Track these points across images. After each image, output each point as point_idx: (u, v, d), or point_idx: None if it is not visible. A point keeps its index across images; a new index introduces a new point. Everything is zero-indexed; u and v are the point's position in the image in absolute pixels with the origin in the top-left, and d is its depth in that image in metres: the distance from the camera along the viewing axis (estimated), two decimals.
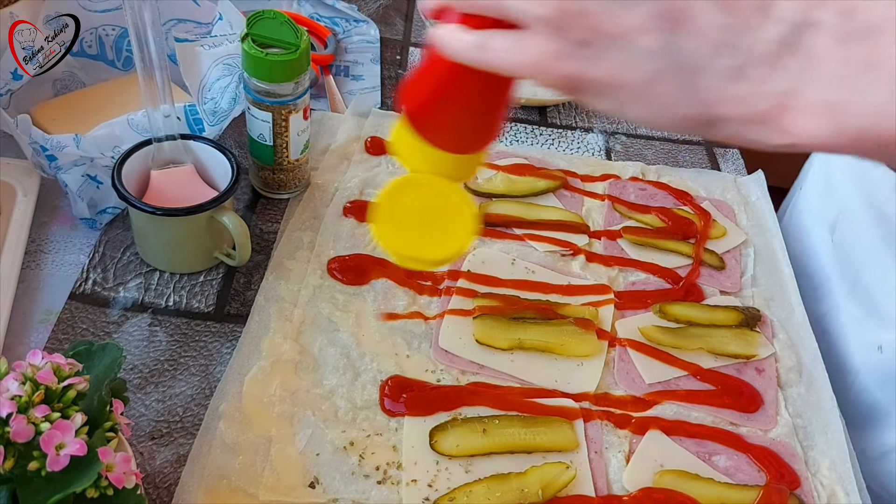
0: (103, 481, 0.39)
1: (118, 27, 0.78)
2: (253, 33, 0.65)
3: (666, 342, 0.67)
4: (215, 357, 0.62)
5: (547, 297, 0.69)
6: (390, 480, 0.56)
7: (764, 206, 0.84)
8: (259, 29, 0.65)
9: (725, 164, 0.90)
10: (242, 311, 0.65)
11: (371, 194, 0.76)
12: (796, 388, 0.67)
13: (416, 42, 1.00)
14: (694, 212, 0.80)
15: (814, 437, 0.64)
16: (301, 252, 0.70)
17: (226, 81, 0.71)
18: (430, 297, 0.68)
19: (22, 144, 0.67)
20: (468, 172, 0.49)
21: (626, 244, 0.76)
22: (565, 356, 0.65)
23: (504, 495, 0.55)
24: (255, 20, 0.66)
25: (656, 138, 0.92)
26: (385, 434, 0.58)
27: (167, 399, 0.59)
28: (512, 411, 0.61)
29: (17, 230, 0.66)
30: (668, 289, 0.73)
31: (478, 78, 0.40)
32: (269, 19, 0.66)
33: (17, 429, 0.38)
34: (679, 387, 0.65)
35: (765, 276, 0.76)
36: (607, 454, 0.60)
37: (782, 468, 0.61)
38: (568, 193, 0.80)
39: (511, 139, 0.88)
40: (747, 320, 0.70)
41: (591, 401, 0.63)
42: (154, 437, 0.56)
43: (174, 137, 0.66)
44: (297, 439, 0.57)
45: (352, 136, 0.82)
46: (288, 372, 0.61)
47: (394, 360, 0.63)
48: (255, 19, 0.66)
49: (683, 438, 0.62)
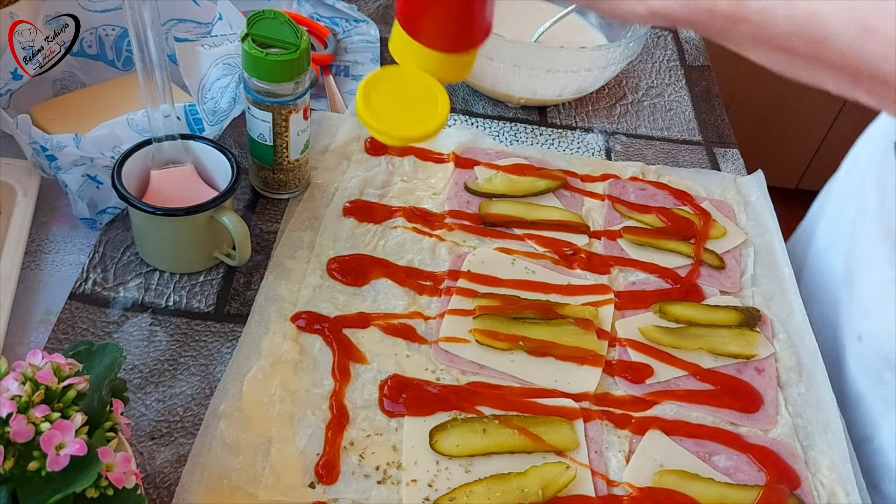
0: (103, 481, 0.39)
1: (118, 27, 0.78)
2: (253, 33, 0.65)
3: (666, 342, 0.67)
4: (215, 357, 0.62)
5: (547, 297, 0.69)
6: (390, 480, 0.56)
7: (764, 206, 0.83)
8: (259, 29, 0.65)
9: (725, 164, 0.90)
10: (242, 311, 0.65)
11: (371, 194, 0.76)
12: (796, 387, 0.67)
13: None
14: (694, 212, 0.80)
15: (814, 436, 0.64)
16: (301, 252, 0.70)
17: (226, 81, 0.71)
18: (430, 297, 0.68)
19: (22, 144, 0.67)
20: (458, 73, 0.55)
21: (626, 244, 0.76)
22: (565, 356, 0.65)
23: (504, 495, 0.55)
24: (255, 20, 0.66)
25: (656, 138, 0.92)
26: (385, 434, 0.58)
27: (167, 399, 0.59)
28: (512, 411, 0.61)
29: (17, 230, 0.66)
30: (668, 289, 0.73)
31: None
32: (270, 19, 0.66)
33: (17, 429, 0.38)
34: (679, 387, 0.65)
35: (765, 276, 0.76)
36: (607, 454, 0.60)
37: (782, 468, 0.61)
38: (568, 193, 0.80)
39: (511, 139, 0.88)
40: (747, 320, 0.70)
41: (591, 401, 0.63)
42: (154, 437, 0.56)
43: (174, 137, 0.66)
44: (297, 439, 0.57)
45: (352, 136, 0.82)
46: (288, 372, 0.61)
47: (394, 359, 0.63)
48: (255, 19, 0.66)
49: (683, 438, 0.62)
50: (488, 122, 0.90)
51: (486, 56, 0.84)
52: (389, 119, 0.54)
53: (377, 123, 0.53)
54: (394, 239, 0.72)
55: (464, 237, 0.74)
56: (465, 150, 0.83)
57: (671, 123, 0.94)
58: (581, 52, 0.84)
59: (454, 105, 0.91)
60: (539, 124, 0.91)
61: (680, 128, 0.94)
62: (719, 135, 0.94)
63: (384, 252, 0.71)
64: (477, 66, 0.86)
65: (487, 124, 0.89)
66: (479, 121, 0.90)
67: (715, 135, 0.94)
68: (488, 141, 0.85)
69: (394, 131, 0.54)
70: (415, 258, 0.71)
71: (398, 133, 0.55)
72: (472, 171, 0.80)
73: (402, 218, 0.74)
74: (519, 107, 0.92)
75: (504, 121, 0.90)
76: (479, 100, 0.93)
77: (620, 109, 0.95)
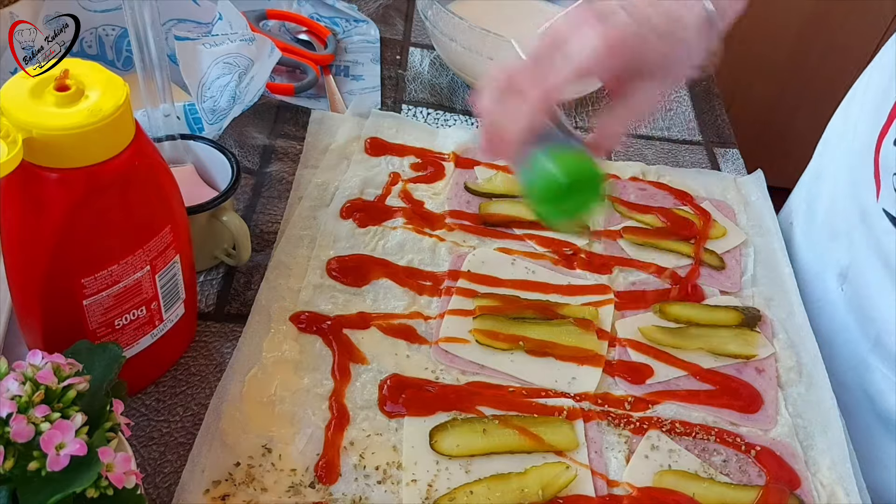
0: (103, 481, 0.39)
1: (118, 27, 0.78)
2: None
3: (666, 342, 0.67)
4: (215, 357, 0.62)
5: (547, 297, 0.69)
6: (390, 480, 0.56)
7: (764, 206, 0.83)
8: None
9: (725, 164, 0.90)
10: (242, 311, 0.65)
11: (371, 194, 0.76)
12: (796, 387, 0.67)
13: (416, 42, 1.00)
14: (694, 212, 0.80)
15: (814, 436, 0.64)
16: (301, 252, 0.70)
17: (225, 80, 0.71)
18: (430, 297, 0.68)
19: None
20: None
21: (626, 244, 0.76)
22: (565, 356, 0.65)
23: (504, 495, 0.55)
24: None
25: (656, 138, 0.92)
26: (385, 434, 0.58)
27: (167, 399, 0.59)
28: (512, 411, 0.61)
29: None
30: (668, 289, 0.73)
31: None
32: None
33: (17, 429, 0.38)
34: (679, 387, 0.65)
35: (765, 276, 0.76)
36: (607, 454, 0.60)
37: (782, 468, 0.61)
38: None
39: None
40: (747, 320, 0.70)
41: (591, 401, 0.63)
42: (154, 437, 0.56)
43: (174, 137, 0.66)
44: (297, 439, 0.57)
45: (352, 136, 0.82)
46: (288, 372, 0.61)
47: (394, 359, 0.63)
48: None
49: (683, 438, 0.62)
50: None
51: (486, 56, 0.84)
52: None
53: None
54: (394, 239, 0.72)
55: (464, 237, 0.74)
56: (465, 150, 0.83)
57: (671, 123, 0.94)
58: None
59: (454, 105, 0.91)
60: None
61: (680, 128, 0.94)
62: (719, 135, 0.94)
63: (384, 252, 0.71)
64: (477, 66, 0.87)
65: None
66: (479, 121, 0.90)
67: (715, 135, 0.94)
68: None
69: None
70: (415, 258, 0.71)
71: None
72: (472, 171, 0.80)
73: (402, 218, 0.74)
74: None
75: None
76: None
77: None
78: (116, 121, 0.45)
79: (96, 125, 0.44)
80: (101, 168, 0.46)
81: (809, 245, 0.80)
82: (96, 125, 0.44)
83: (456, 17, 0.84)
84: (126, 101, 0.46)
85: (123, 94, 0.46)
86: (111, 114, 0.45)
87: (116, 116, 0.45)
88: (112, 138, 0.46)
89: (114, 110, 0.45)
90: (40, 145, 0.44)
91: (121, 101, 0.45)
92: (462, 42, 0.85)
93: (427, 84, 0.93)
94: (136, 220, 0.50)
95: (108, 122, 0.45)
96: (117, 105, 0.45)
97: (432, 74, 0.95)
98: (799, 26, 1.85)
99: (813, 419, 0.65)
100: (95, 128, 0.44)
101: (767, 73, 1.93)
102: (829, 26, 1.85)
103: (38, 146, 0.44)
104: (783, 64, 1.92)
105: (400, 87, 0.92)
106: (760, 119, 1.99)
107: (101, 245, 0.49)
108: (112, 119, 0.45)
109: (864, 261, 0.71)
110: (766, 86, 1.96)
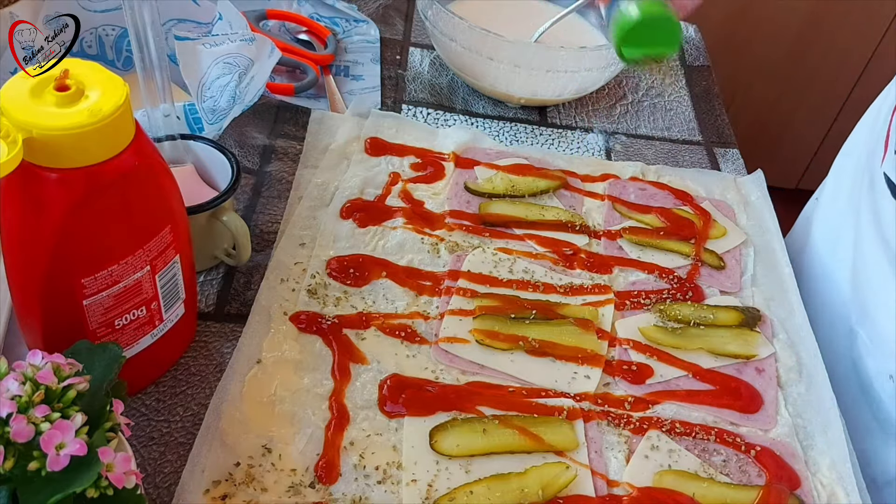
0: (103, 481, 0.39)
1: (118, 27, 0.78)
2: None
3: (666, 342, 0.67)
4: (215, 357, 0.62)
5: (547, 297, 0.69)
6: (390, 480, 0.56)
7: (764, 206, 0.83)
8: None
9: (725, 164, 0.90)
10: (242, 311, 0.65)
11: (371, 194, 0.76)
12: (796, 387, 0.67)
13: (416, 42, 1.00)
14: (694, 212, 0.80)
15: (814, 436, 0.64)
16: (301, 252, 0.70)
17: (225, 80, 0.71)
18: (430, 297, 0.68)
19: None
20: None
21: (626, 244, 0.76)
22: (565, 356, 0.65)
23: (504, 495, 0.55)
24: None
25: (656, 138, 0.92)
26: (385, 434, 0.58)
27: (167, 399, 0.59)
28: (512, 411, 0.61)
29: None
30: (668, 289, 0.73)
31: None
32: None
33: (17, 429, 0.38)
34: (679, 387, 0.65)
35: (765, 276, 0.76)
36: (607, 454, 0.60)
37: (782, 468, 0.61)
38: (568, 193, 0.80)
39: (511, 139, 0.88)
40: (747, 320, 0.70)
41: (591, 401, 0.63)
42: (154, 437, 0.56)
43: (174, 137, 0.66)
44: (297, 439, 0.57)
45: (351, 136, 0.82)
46: (288, 372, 0.61)
47: (394, 359, 0.63)
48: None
49: (683, 438, 0.62)
50: (488, 122, 0.90)
51: (486, 56, 0.84)
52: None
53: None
54: (394, 239, 0.72)
55: (464, 237, 0.74)
56: (465, 150, 0.83)
57: (671, 123, 0.94)
58: (581, 52, 0.84)
59: (454, 105, 0.91)
60: (539, 124, 0.91)
61: (680, 128, 0.94)
62: (719, 135, 0.94)
63: (384, 252, 0.71)
64: (477, 66, 0.87)
65: (487, 124, 0.89)
66: (478, 121, 0.90)
67: (715, 135, 0.94)
68: (488, 141, 0.85)
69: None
70: (415, 258, 0.71)
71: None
72: (472, 171, 0.80)
73: (402, 218, 0.74)
74: (519, 107, 0.92)
75: (504, 121, 0.90)
76: (479, 100, 0.93)
77: (620, 109, 0.95)
78: (116, 121, 0.45)
79: (96, 125, 0.44)
80: (101, 168, 0.46)
81: (825, 219, 0.82)
82: (96, 125, 0.44)
83: (456, 17, 0.84)
84: (126, 101, 0.46)
85: (123, 94, 0.46)
86: (111, 114, 0.45)
87: (116, 116, 0.45)
88: (112, 138, 0.46)
89: (114, 110, 0.45)
90: (40, 145, 0.44)
91: (121, 101, 0.45)
92: (462, 42, 0.85)
93: (427, 84, 0.93)
94: (136, 220, 0.50)
95: (108, 122, 0.45)
96: (117, 105, 0.45)
97: (432, 74, 0.95)
98: (799, 27, 1.85)
99: (813, 419, 0.65)
100: (95, 128, 0.44)
101: (767, 73, 1.92)
102: (829, 26, 1.85)
103: (38, 146, 0.44)
104: (783, 64, 1.91)
105: (400, 87, 0.92)
106: (760, 119, 1.99)
107: (101, 245, 0.49)
108: (112, 119, 0.45)
109: (865, 228, 0.71)
110: (766, 86, 1.96)
